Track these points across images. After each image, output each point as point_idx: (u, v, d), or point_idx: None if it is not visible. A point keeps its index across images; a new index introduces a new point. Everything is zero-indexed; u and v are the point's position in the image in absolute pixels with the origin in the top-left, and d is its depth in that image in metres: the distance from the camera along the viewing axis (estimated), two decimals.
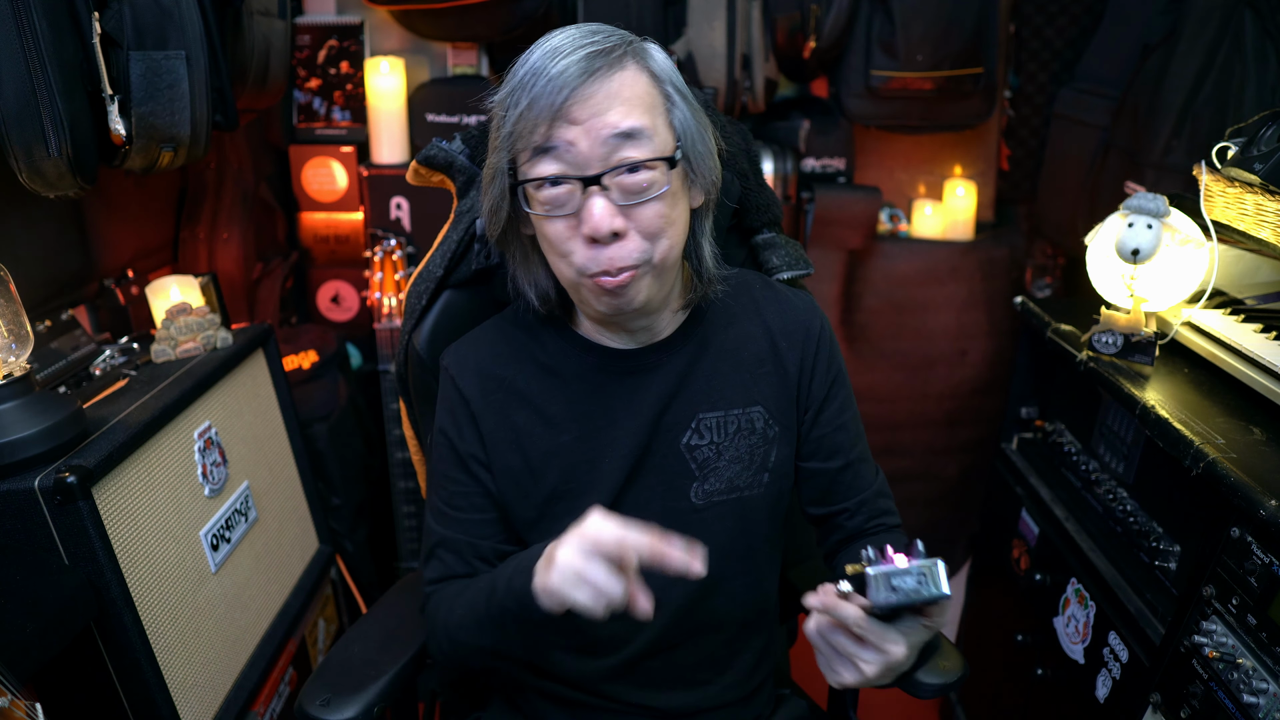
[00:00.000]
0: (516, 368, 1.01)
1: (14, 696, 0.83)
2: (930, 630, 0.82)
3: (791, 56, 2.18)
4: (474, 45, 2.16)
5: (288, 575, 1.60)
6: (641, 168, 0.85)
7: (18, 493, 1.02)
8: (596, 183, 0.84)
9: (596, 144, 0.83)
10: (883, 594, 0.74)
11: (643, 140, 0.85)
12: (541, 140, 0.84)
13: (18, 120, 1.10)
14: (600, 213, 0.84)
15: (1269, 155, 1.19)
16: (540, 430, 1.00)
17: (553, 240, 0.89)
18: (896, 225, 2.46)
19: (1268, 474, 1.01)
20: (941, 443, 2.44)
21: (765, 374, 1.03)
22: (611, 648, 1.03)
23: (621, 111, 0.84)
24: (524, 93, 0.84)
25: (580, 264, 0.88)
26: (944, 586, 0.73)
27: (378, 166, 2.14)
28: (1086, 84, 2.13)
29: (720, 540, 1.00)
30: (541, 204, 0.87)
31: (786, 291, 1.10)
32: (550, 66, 0.82)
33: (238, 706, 1.34)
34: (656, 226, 0.87)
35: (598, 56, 0.83)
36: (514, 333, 1.04)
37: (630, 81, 0.85)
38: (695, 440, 1.01)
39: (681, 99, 0.89)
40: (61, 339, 1.42)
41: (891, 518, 1.09)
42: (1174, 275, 1.34)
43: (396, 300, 1.92)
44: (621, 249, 0.86)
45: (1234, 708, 1.00)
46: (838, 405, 1.07)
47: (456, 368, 1.03)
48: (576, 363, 1.01)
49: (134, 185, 1.74)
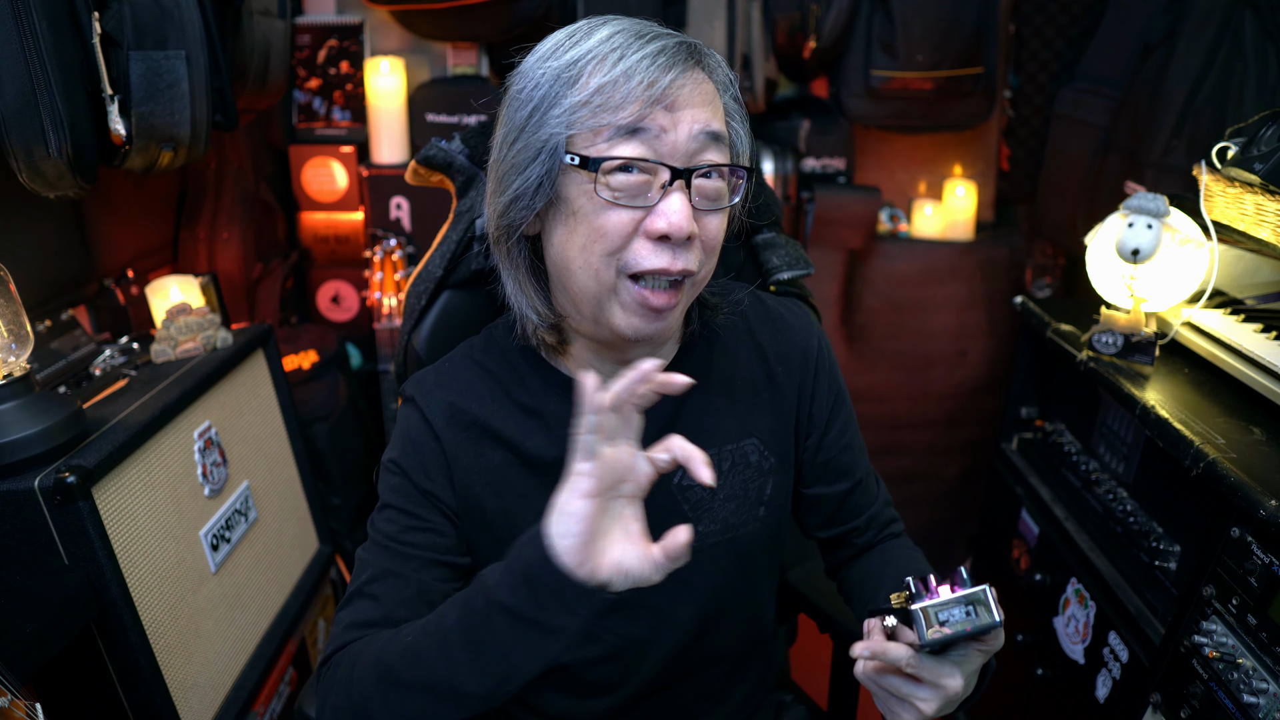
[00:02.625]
0: (491, 407, 0.92)
1: (14, 696, 0.83)
2: (985, 654, 0.75)
3: (791, 56, 2.18)
4: (474, 45, 2.16)
5: (288, 575, 1.60)
6: (717, 174, 0.80)
7: (18, 493, 1.02)
8: (686, 177, 0.78)
9: (688, 138, 0.77)
10: (931, 630, 0.69)
11: (723, 146, 0.80)
12: (631, 119, 0.76)
13: (18, 120, 1.10)
14: (684, 210, 0.77)
15: (1269, 155, 1.19)
16: (517, 472, 0.91)
17: (608, 233, 0.78)
18: (896, 225, 2.46)
19: (1268, 474, 1.01)
20: (941, 443, 2.44)
21: (760, 402, 0.97)
22: (607, 689, 0.98)
23: (711, 110, 0.79)
24: (600, 66, 0.76)
25: (634, 259, 0.79)
26: (995, 614, 0.69)
27: (378, 166, 2.14)
28: (1086, 84, 2.13)
29: (716, 581, 0.96)
30: (611, 189, 0.78)
31: (778, 307, 1.03)
32: (639, 46, 0.76)
33: (238, 706, 1.34)
34: (715, 241, 0.82)
35: (681, 49, 0.77)
36: (488, 367, 0.94)
37: (708, 82, 0.80)
38: (687, 480, 0.94)
39: (740, 114, 0.85)
40: (61, 339, 1.42)
41: (897, 525, 1.06)
42: (1174, 275, 1.33)
43: (396, 300, 1.92)
44: (686, 254, 0.79)
45: (1234, 708, 1.00)
46: (840, 425, 1.01)
47: (424, 400, 0.92)
48: (557, 403, 0.92)
49: (134, 185, 1.74)
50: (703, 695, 1.02)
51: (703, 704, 1.03)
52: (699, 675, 1.01)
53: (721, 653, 1.01)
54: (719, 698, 1.04)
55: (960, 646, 0.73)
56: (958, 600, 0.69)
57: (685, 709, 1.02)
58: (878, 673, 0.75)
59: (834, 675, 1.22)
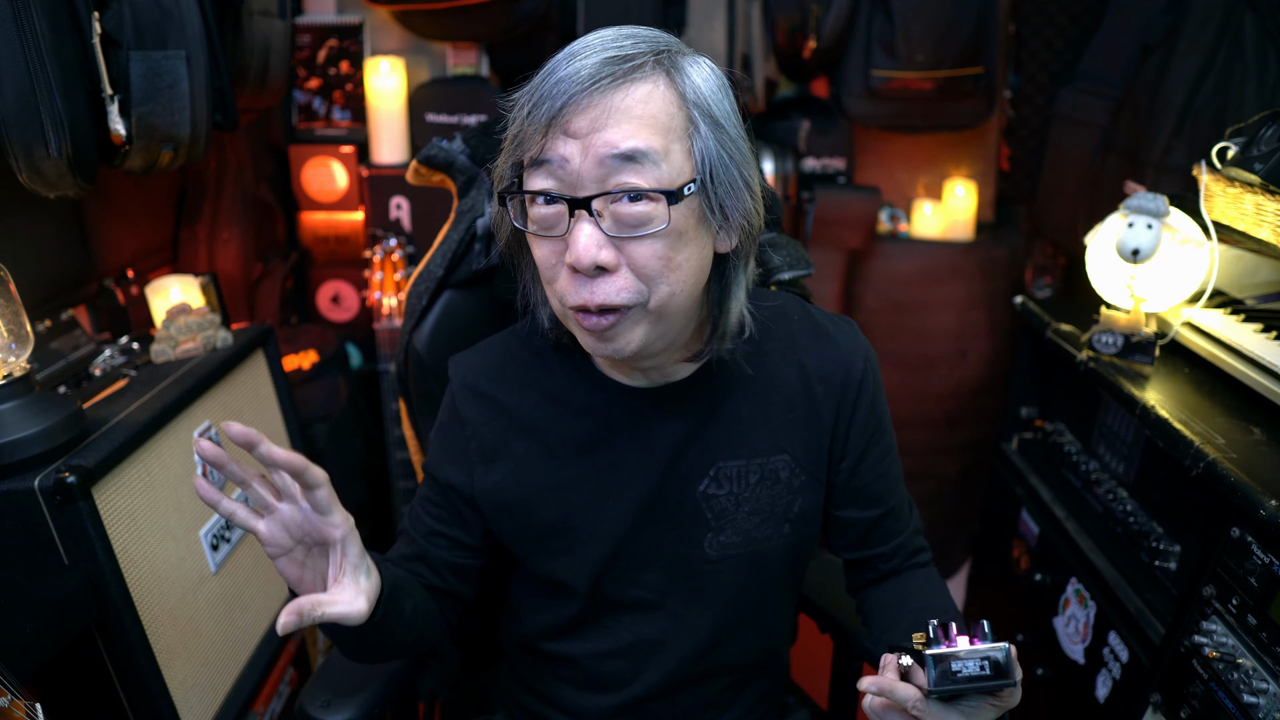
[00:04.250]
0: (520, 395, 0.94)
1: (14, 696, 0.83)
2: (998, 709, 0.74)
3: (791, 56, 2.18)
4: (474, 45, 2.16)
5: None
6: (642, 198, 0.73)
7: (18, 493, 1.02)
8: (586, 207, 0.74)
9: (592, 163, 0.73)
10: (939, 679, 0.68)
11: (647, 165, 0.73)
12: (537, 151, 0.75)
13: (18, 120, 1.10)
14: (585, 242, 0.73)
15: (1269, 155, 1.19)
16: (540, 462, 0.93)
17: (539, 263, 0.80)
18: (896, 225, 2.46)
19: (1268, 474, 1.01)
20: (941, 443, 2.44)
21: (795, 419, 0.94)
22: (617, 685, 1.00)
23: (626, 130, 0.72)
24: (533, 93, 0.75)
25: (561, 293, 0.78)
26: (1012, 673, 0.67)
27: (378, 166, 2.14)
28: (1086, 84, 2.14)
29: (733, 591, 0.96)
30: (533, 221, 0.78)
31: (828, 325, 0.98)
32: (563, 68, 0.73)
33: (238, 706, 1.34)
34: (654, 268, 0.76)
35: (613, 63, 0.72)
36: (523, 355, 0.95)
37: (644, 96, 0.73)
38: (713, 489, 0.93)
39: (711, 126, 0.77)
40: (61, 339, 1.42)
41: (924, 555, 1.04)
42: (1174, 275, 1.34)
43: (396, 300, 1.92)
44: (608, 285, 0.75)
45: (1234, 708, 1.00)
46: (879, 452, 0.98)
47: (458, 384, 0.96)
48: (585, 395, 0.92)
49: (134, 185, 1.74)
50: (709, 702, 1.02)
51: (709, 710, 1.03)
52: (708, 683, 1.01)
53: (732, 663, 1.01)
54: (725, 704, 1.04)
55: (972, 698, 0.73)
56: (974, 654, 0.68)
57: (691, 714, 1.02)
58: (884, 709, 0.76)
59: (834, 675, 1.22)
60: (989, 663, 0.68)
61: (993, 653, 0.68)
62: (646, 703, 1.00)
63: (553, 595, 0.99)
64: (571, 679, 1.02)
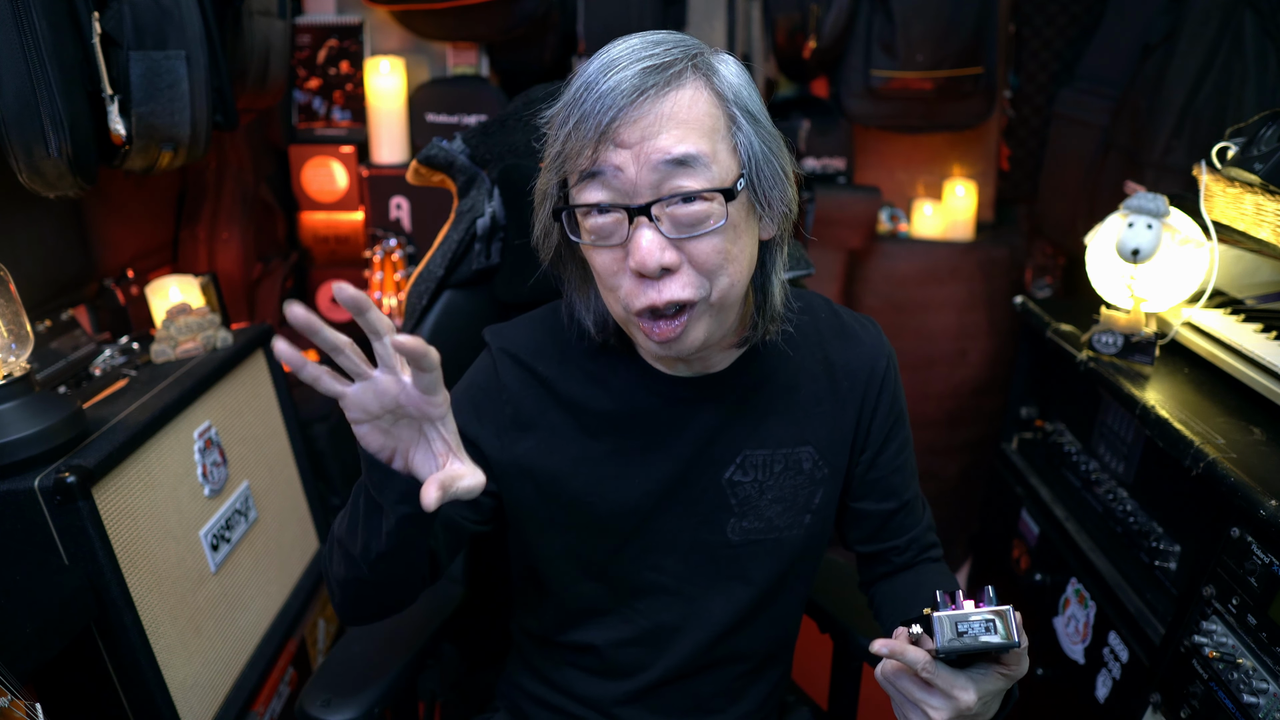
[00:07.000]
0: (559, 370, 0.96)
1: (14, 696, 0.83)
2: (1007, 679, 0.76)
3: (791, 56, 2.18)
4: (474, 45, 2.16)
5: (288, 575, 1.60)
6: (697, 199, 0.77)
7: (18, 493, 1.02)
8: (645, 213, 0.77)
9: (646, 170, 0.76)
10: (947, 638, 0.71)
11: (698, 168, 0.76)
12: (588, 164, 0.77)
13: (18, 120, 1.10)
14: (648, 246, 0.77)
15: (1269, 155, 1.19)
16: (573, 434, 0.95)
17: (600, 272, 0.83)
18: (896, 225, 2.46)
19: (1268, 474, 1.01)
20: (941, 443, 2.44)
21: (821, 413, 0.98)
22: (630, 672, 1.02)
23: (676, 135, 0.76)
24: (574, 109, 0.77)
25: (625, 299, 0.81)
26: (1014, 635, 0.70)
27: (378, 166, 2.14)
28: (1086, 84, 2.13)
29: (753, 578, 0.98)
30: (589, 232, 0.81)
31: (853, 323, 1.03)
32: (602, 82, 0.76)
33: (238, 706, 1.34)
34: (715, 263, 0.79)
35: (653, 72, 0.75)
36: (564, 334, 0.97)
37: (688, 101, 0.77)
38: (739, 476, 0.96)
39: (750, 121, 0.80)
40: (61, 339, 1.42)
41: (936, 550, 1.06)
42: (1174, 275, 1.34)
43: (396, 300, 1.92)
44: (673, 283, 0.79)
45: (1234, 708, 1.00)
46: (896, 446, 1.02)
47: (498, 351, 0.97)
48: (624, 379, 0.95)
49: (134, 185, 1.74)
50: (721, 691, 1.04)
51: (720, 700, 1.05)
52: (721, 670, 1.03)
53: (746, 652, 1.03)
54: (736, 694, 1.06)
55: (980, 665, 0.75)
56: (979, 615, 0.71)
57: (703, 703, 1.04)
58: (894, 673, 0.78)
59: (834, 675, 1.22)
60: (995, 623, 0.71)
61: (998, 613, 0.71)
62: (660, 688, 1.02)
63: (573, 583, 1.00)
64: (589, 667, 1.03)
